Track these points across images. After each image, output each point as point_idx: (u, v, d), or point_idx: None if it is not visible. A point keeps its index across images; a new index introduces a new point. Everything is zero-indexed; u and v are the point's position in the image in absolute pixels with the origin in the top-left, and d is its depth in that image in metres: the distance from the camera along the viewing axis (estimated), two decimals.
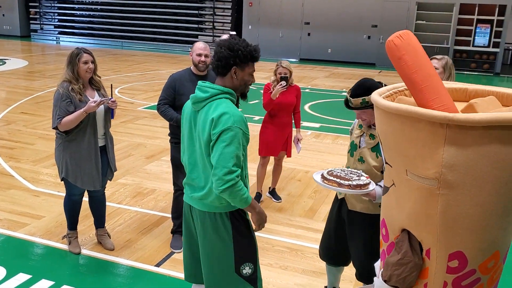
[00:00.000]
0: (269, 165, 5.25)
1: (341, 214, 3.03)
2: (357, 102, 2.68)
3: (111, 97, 3.78)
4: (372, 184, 2.62)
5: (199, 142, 2.52)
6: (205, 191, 2.53)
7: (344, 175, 2.60)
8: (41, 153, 6.45)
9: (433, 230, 1.78)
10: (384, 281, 1.93)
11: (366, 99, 2.63)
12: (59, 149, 3.75)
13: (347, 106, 2.78)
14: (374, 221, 2.80)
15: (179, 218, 4.10)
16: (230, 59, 2.46)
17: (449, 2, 16.38)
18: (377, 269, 2.10)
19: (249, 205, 2.51)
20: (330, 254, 3.21)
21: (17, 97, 9.89)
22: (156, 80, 12.53)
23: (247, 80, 2.56)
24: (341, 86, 12.70)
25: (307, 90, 11.99)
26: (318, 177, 2.65)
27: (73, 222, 4.02)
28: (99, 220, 4.13)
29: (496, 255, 1.80)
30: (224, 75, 2.52)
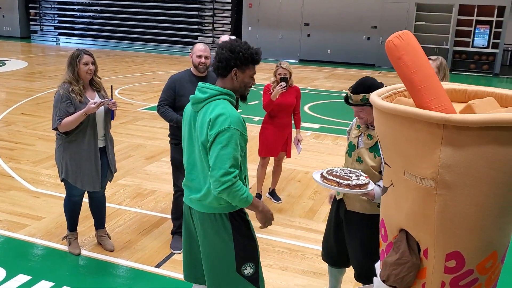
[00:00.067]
0: (269, 166, 5.26)
1: (339, 215, 3.04)
2: (357, 99, 2.70)
3: (111, 99, 3.79)
4: (371, 184, 2.63)
5: (198, 143, 2.52)
6: (204, 192, 2.53)
7: (344, 175, 2.61)
8: (41, 154, 6.46)
9: (431, 230, 1.78)
10: (383, 281, 1.94)
11: (367, 97, 2.65)
12: (59, 150, 3.76)
13: (347, 102, 2.81)
14: (372, 221, 2.81)
15: (179, 219, 4.10)
16: (231, 61, 2.47)
17: (448, 3, 16.39)
18: (377, 269, 2.10)
19: (251, 204, 2.51)
20: (331, 255, 3.22)
21: (17, 98, 9.89)
22: (156, 81, 12.53)
23: (247, 82, 2.56)
24: (341, 87, 12.70)
25: (307, 91, 11.99)
26: (318, 177, 2.65)
27: (73, 223, 4.03)
28: (99, 221, 4.14)
29: (494, 256, 1.81)
30: (225, 77, 2.53)
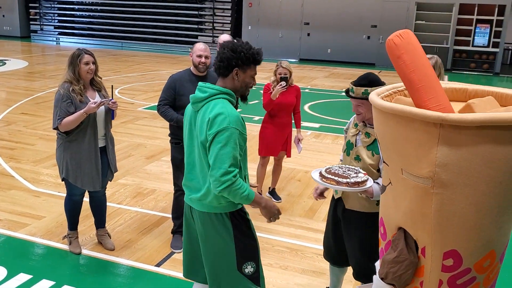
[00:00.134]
0: (269, 165, 5.26)
1: (337, 214, 3.04)
2: (359, 92, 2.73)
3: (112, 98, 3.79)
4: (370, 181, 2.62)
5: (197, 143, 2.53)
6: (203, 192, 2.54)
7: (342, 173, 2.60)
8: (42, 154, 6.46)
9: (428, 229, 1.79)
10: (381, 279, 1.95)
11: (368, 91, 2.68)
12: (60, 150, 3.77)
13: (347, 95, 2.83)
14: (370, 219, 2.82)
15: (179, 218, 4.11)
16: (233, 60, 2.47)
17: (449, 2, 16.39)
18: (377, 268, 2.11)
19: (253, 201, 2.52)
20: (331, 254, 3.22)
21: (17, 98, 9.89)
22: (156, 81, 12.54)
23: (248, 83, 2.57)
24: (341, 86, 12.70)
25: (307, 90, 12.00)
26: (317, 176, 2.64)
27: (74, 222, 4.04)
28: (100, 221, 4.15)
29: (492, 254, 1.81)
30: (226, 76, 2.54)
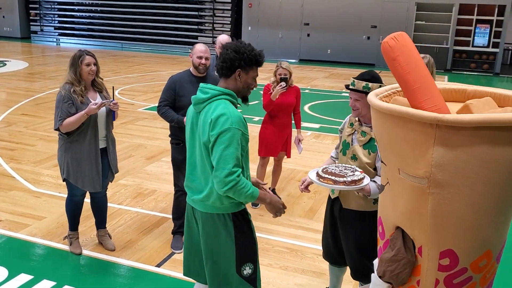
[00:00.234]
0: (269, 166, 5.27)
1: (334, 214, 3.05)
2: (360, 85, 2.77)
3: (113, 99, 3.80)
4: (367, 178, 2.63)
5: (199, 143, 2.54)
6: (206, 193, 2.54)
7: (339, 172, 2.61)
8: (42, 154, 6.48)
9: (425, 228, 1.80)
10: (379, 277, 1.97)
11: (369, 85, 2.73)
12: (61, 150, 3.78)
13: (347, 88, 2.87)
14: (367, 218, 2.83)
15: (180, 219, 4.12)
16: (236, 61, 2.48)
17: (449, 3, 16.40)
18: (375, 265, 2.13)
19: (258, 198, 2.54)
20: (330, 254, 3.23)
21: (18, 99, 9.91)
22: (156, 81, 12.55)
23: (250, 84, 2.58)
24: (341, 87, 12.71)
25: (307, 91, 12.01)
26: (314, 176, 2.65)
27: (75, 223, 4.05)
28: (101, 221, 4.16)
29: (488, 254, 1.82)
30: (228, 77, 2.55)
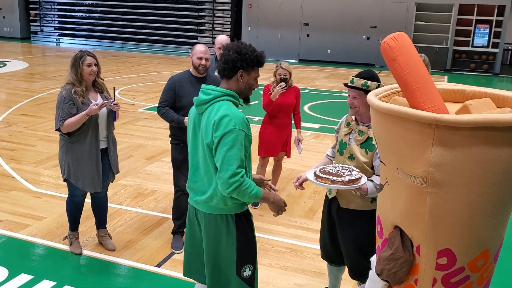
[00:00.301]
0: (269, 166, 5.28)
1: (331, 214, 3.06)
2: (359, 83, 2.78)
3: (114, 100, 3.81)
4: (364, 178, 2.65)
5: (202, 145, 2.54)
6: (209, 194, 2.55)
7: (336, 171, 2.62)
8: (42, 155, 6.48)
9: (423, 228, 1.81)
10: (377, 274, 1.98)
11: (368, 84, 2.75)
12: (62, 151, 3.79)
13: (346, 86, 2.88)
14: (365, 217, 2.84)
15: (180, 219, 4.13)
16: (238, 62, 2.49)
17: (448, 3, 16.41)
18: (373, 263, 2.14)
19: (262, 198, 2.55)
20: (328, 254, 3.24)
21: (18, 99, 9.92)
22: (156, 82, 12.56)
23: (252, 84, 2.60)
24: (341, 87, 12.72)
25: (307, 91, 12.02)
26: (311, 176, 2.66)
27: (75, 223, 4.06)
28: (101, 221, 4.16)
29: (486, 254, 1.83)
30: (230, 78, 2.55)
